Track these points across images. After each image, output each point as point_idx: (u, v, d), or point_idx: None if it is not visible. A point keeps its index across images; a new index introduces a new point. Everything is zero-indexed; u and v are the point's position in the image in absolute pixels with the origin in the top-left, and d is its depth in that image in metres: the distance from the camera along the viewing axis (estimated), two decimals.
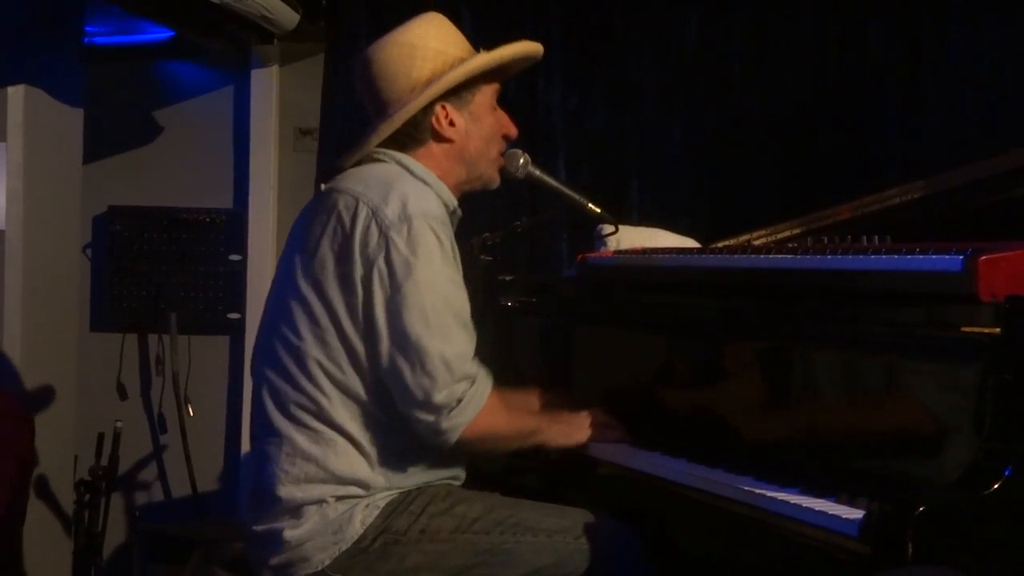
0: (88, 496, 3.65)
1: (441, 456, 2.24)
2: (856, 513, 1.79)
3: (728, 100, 3.90)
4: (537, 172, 2.65)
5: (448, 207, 2.28)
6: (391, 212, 2.12)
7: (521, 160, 2.61)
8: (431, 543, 2.15)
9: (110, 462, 3.74)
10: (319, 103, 4.17)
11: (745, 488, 2.00)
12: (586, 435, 2.39)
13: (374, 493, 2.16)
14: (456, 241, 2.24)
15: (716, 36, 3.91)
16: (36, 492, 3.58)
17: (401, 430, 2.16)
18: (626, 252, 2.87)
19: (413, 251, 2.10)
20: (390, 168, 2.26)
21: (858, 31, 3.81)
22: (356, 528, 2.13)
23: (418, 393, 2.09)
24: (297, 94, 4.22)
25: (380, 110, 2.30)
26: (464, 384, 2.12)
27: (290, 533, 2.14)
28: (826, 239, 2.36)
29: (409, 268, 2.10)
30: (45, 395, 3.64)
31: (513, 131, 2.42)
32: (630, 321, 2.66)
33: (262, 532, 2.19)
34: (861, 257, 2.10)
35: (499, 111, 2.40)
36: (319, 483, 2.14)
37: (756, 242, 2.87)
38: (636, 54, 3.96)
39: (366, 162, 2.29)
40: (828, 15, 3.83)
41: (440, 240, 2.15)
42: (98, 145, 4.10)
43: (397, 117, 2.25)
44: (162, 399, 4.34)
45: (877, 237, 2.24)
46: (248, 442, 2.37)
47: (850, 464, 2.00)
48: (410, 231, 2.11)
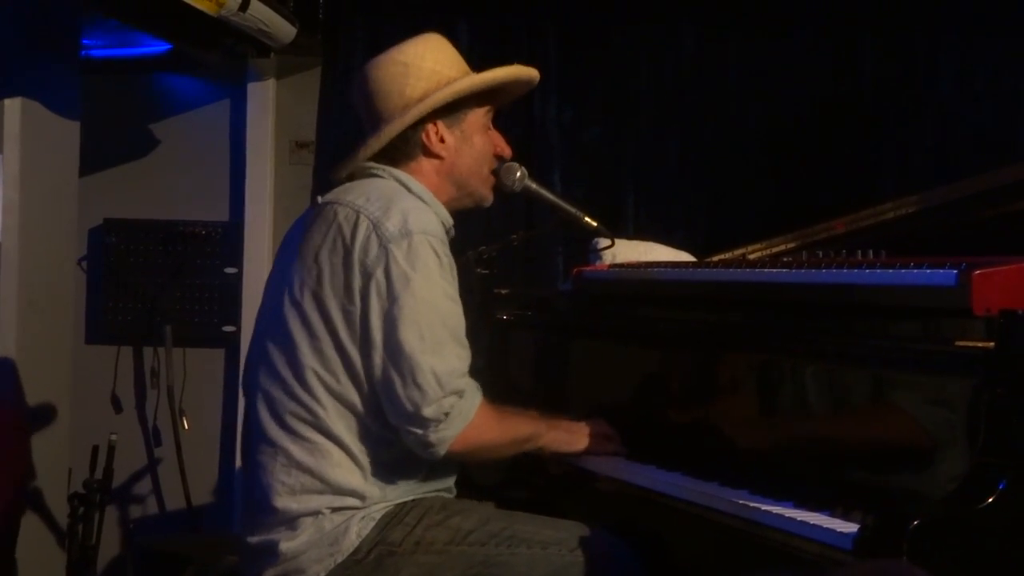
0: (82, 509, 3.64)
1: (434, 467, 2.24)
2: (850, 527, 1.79)
3: (724, 114, 3.92)
4: (533, 185, 2.65)
5: (444, 225, 2.29)
6: (392, 226, 2.14)
7: (518, 174, 2.61)
8: (426, 555, 2.14)
9: (104, 475, 3.74)
10: (315, 116, 4.18)
11: (739, 502, 2.00)
12: (584, 444, 2.38)
13: (369, 504, 2.16)
14: (452, 255, 2.25)
15: (712, 51, 3.92)
16: (30, 505, 3.57)
17: (395, 441, 2.16)
18: (622, 266, 2.87)
19: (412, 265, 2.12)
20: (389, 184, 2.27)
21: (853, 47, 3.83)
22: (352, 540, 2.13)
23: (408, 406, 2.10)
24: (294, 107, 4.23)
25: (374, 125, 2.32)
26: (452, 398, 2.12)
27: (286, 545, 2.14)
28: (821, 253, 2.36)
29: (407, 281, 2.11)
30: (40, 407, 3.63)
31: (507, 152, 2.45)
32: (626, 335, 2.66)
33: (257, 544, 2.18)
34: (856, 271, 2.10)
35: (493, 132, 2.42)
36: (315, 494, 2.14)
37: (751, 256, 2.88)
38: (632, 69, 3.97)
39: (360, 176, 2.31)
40: (823, 31, 3.85)
41: (439, 257, 2.16)
42: (94, 157, 4.10)
43: (386, 132, 2.28)
44: (157, 412, 4.33)
45: (872, 251, 2.25)
46: (242, 455, 2.36)
47: (844, 478, 2.00)
48: (410, 246, 2.13)
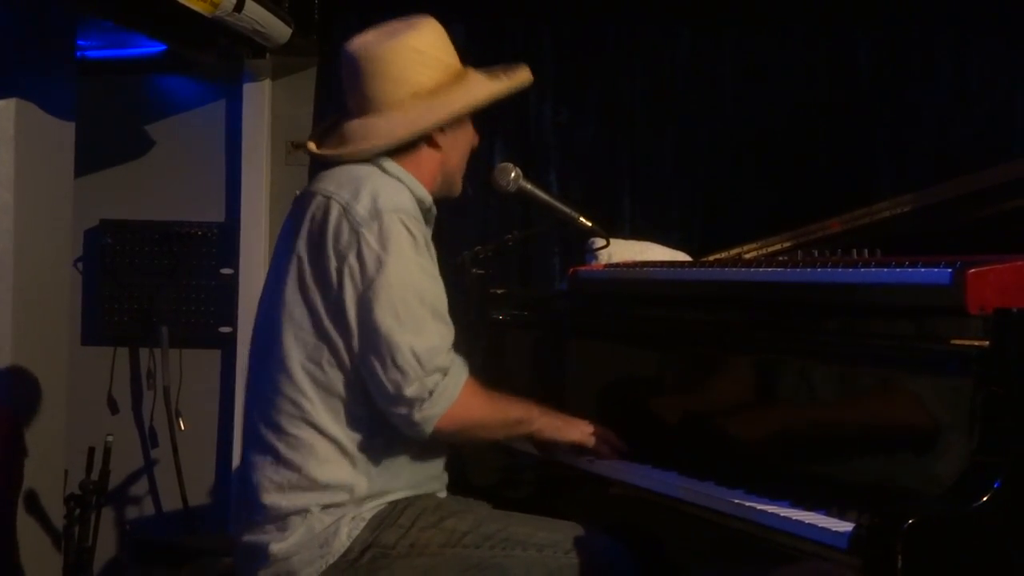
0: (79, 511, 3.64)
1: (423, 452, 2.23)
2: (846, 526, 1.79)
3: (719, 114, 3.92)
4: (528, 186, 2.65)
5: (423, 204, 2.27)
6: (361, 208, 2.13)
7: (512, 174, 2.62)
8: (420, 557, 2.14)
9: (101, 476, 3.73)
10: (311, 116, 4.18)
11: (735, 501, 2.00)
12: (576, 435, 2.35)
13: (360, 503, 2.15)
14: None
15: (707, 52, 3.93)
16: (26, 506, 3.56)
17: (383, 427, 2.15)
18: (618, 266, 2.87)
19: (384, 246, 2.11)
20: (363, 168, 2.25)
21: (848, 46, 3.84)
22: (343, 541, 2.12)
23: (390, 387, 2.09)
24: (289, 108, 4.23)
25: (365, 106, 2.28)
26: (436, 376, 2.11)
27: (276, 546, 2.13)
28: (816, 253, 2.36)
29: (380, 263, 2.10)
30: (36, 409, 3.63)
31: (477, 141, 2.44)
32: (622, 334, 2.66)
33: (248, 544, 2.18)
34: (851, 270, 2.10)
35: (470, 124, 2.41)
36: (302, 491, 2.13)
37: (747, 256, 2.88)
38: (628, 70, 3.98)
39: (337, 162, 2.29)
40: (818, 30, 3.85)
41: (412, 234, 2.14)
42: (90, 158, 4.09)
43: (417, 125, 2.24)
44: (153, 413, 4.33)
45: (867, 250, 2.25)
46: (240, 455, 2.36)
47: (840, 477, 2.00)
48: (381, 227, 2.11)
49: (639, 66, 3.97)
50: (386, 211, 2.12)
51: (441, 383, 2.12)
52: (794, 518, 1.88)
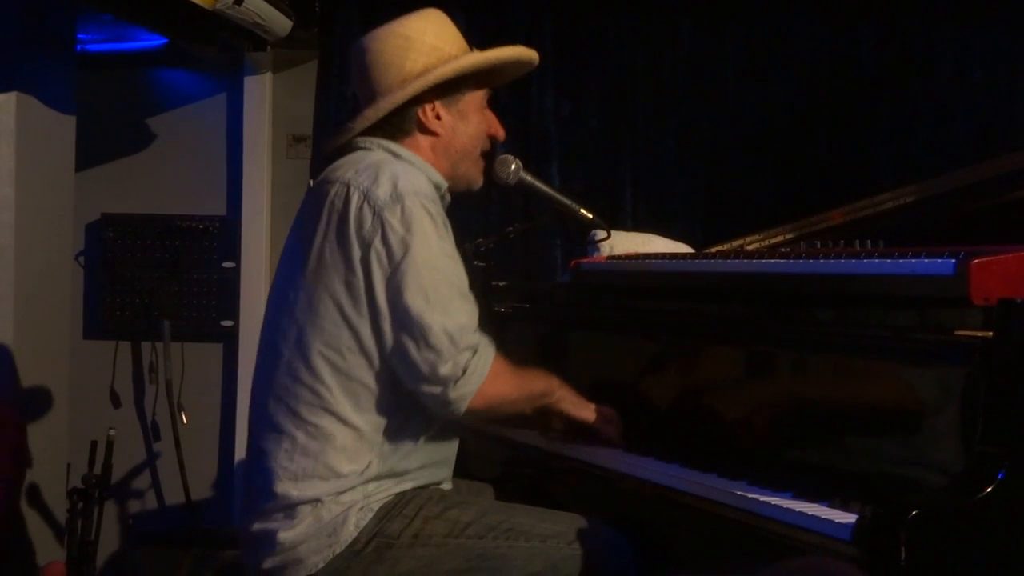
0: (81, 504, 3.63)
1: (437, 436, 2.24)
2: (849, 517, 1.79)
3: (721, 106, 3.92)
4: (529, 178, 2.65)
5: (439, 188, 2.29)
6: (382, 193, 2.13)
7: (513, 166, 2.61)
8: (424, 547, 2.14)
9: (103, 470, 3.73)
10: (312, 110, 4.18)
11: (738, 492, 2.00)
12: (591, 415, 2.40)
13: (368, 486, 2.15)
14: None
15: (709, 43, 3.92)
16: (29, 500, 3.56)
17: (400, 409, 2.16)
18: (619, 258, 2.87)
19: (408, 229, 2.12)
20: (376, 154, 2.27)
21: (850, 38, 3.83)
22: (350, 531, 2.12)
23: (424, 367, 2.10)
24: (290, 101, 4.23)
25: (370, 98, 2.31)
26: (467, 354, 2.12)
27: (284, 535, 2.13)
28: (819, 244, 2.36)
29: (406, 246, 2.11)
30: (38, 403, 3.63)
31: (501, 133, 2.43)
32: (624, 326, 2.66)
33: (256, 532, 2.18)
34: (854, 261, 2.10)
35: (488, 112, 2.41)
36: (317, 479, 2.13)
37: (749, 247, 2.88)
38: (630, 61, 3.97)
39: (350, 151, 2.30)
40: (820, 22, 3.85)
41: (432, 216, 2.16)
42: (91, 152, 4.09)
43: (383, 104, 2.27)
44: (155, 407, 4.33)
45: (870, 241, 2.24)
46: (243, 447, 2.36)
47: (842, 468, 2.00)
48: (403, 210, 2.12)
49: (641, 58, 3.96)
50: (407, 194, 2.14)
51: (472, 360, 2.13)
52: (797, 509, 1.88)
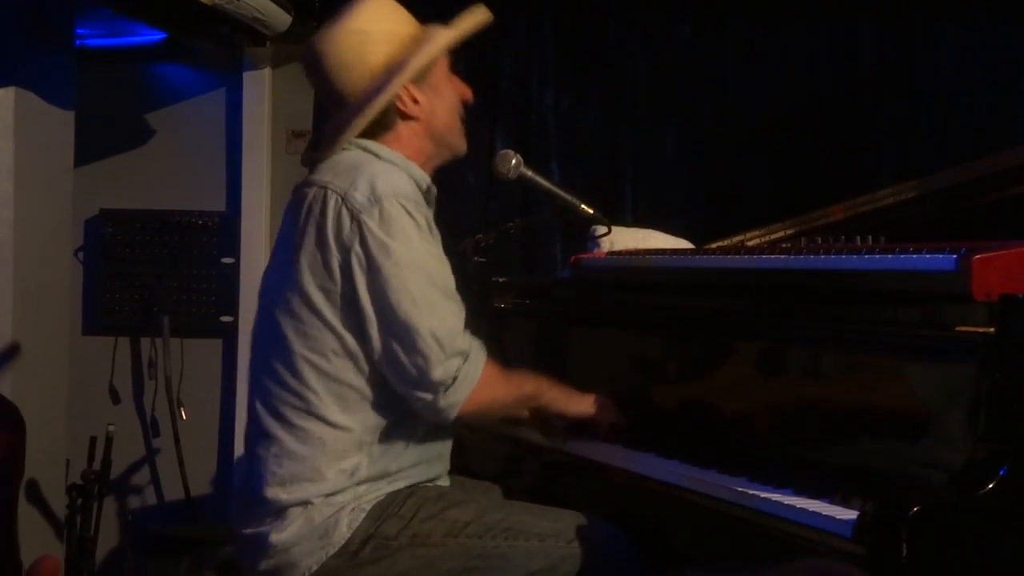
0: (80, 500, 3.63)
1: (428, 434, 2.23)
2: (850, 514, 1.78)
3: (721, 101, 3.91)
4: (529, 173, 2.64)
5: (421, 185, 2.25)
6: (360, 196, 2.11)
7: (513, 161, 2.61)
8: (422, 548, 2.13)
9: (102, 466, 3.73)
10: (312, 105, 4.16)
11: (739, 489, 1.99)
12: (583, 407, 2.38)
13: (359, 486, 2.14)
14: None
15: (709, 38, 3.91)
16: (28, 496, 3.56)
17: (390, 410, 2.15)
18: (620, 253, 2.86)
19: (388, 232, 2.09)
20: (356, 155, 2.23)
21: (851, 32, 3.82)
22: (343, 532, 2.11)
23: (413, 372, 2.09)
24: (289, 96, 4.21)
25: (338, 102, 2.26)
26: (457, 360, 2.11)
27: (275, 537, 2.12)
28: (820, 240, 2.35)
29: (386, 249, 2.09)
30: (37, 399, 3.62)
31: (470, 95, 2.37)
32: (624, 322, 2.65)
33: (249, 536, 2.17)
34: (855, 257, 2.09)
35: (454, 79, 2.36)
36: (306, 482, 2.12)
37: (750, 243, 2.87)
38: (630, 57, 3.96)
39: (330, 155, 2.27)
40: (821, 17, 3.84)
41: (413, 217, 2.13)
42: (89, 147, 4.08)
43: (369, 110, 2.22)
44: (155, 403, 4.32)
45: (871, 237, 2.23)
46: (242, 443, 2.35)
47: (844, 464, 2.00)
48: (382, 212, 2.10)
49: (641, 53, 3.95)
50: (385, 196, 2.11)
51: (463, 368, 2.12)
52: (798, 506, 1.87)
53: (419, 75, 2.25)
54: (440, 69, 2.31)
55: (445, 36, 2.28)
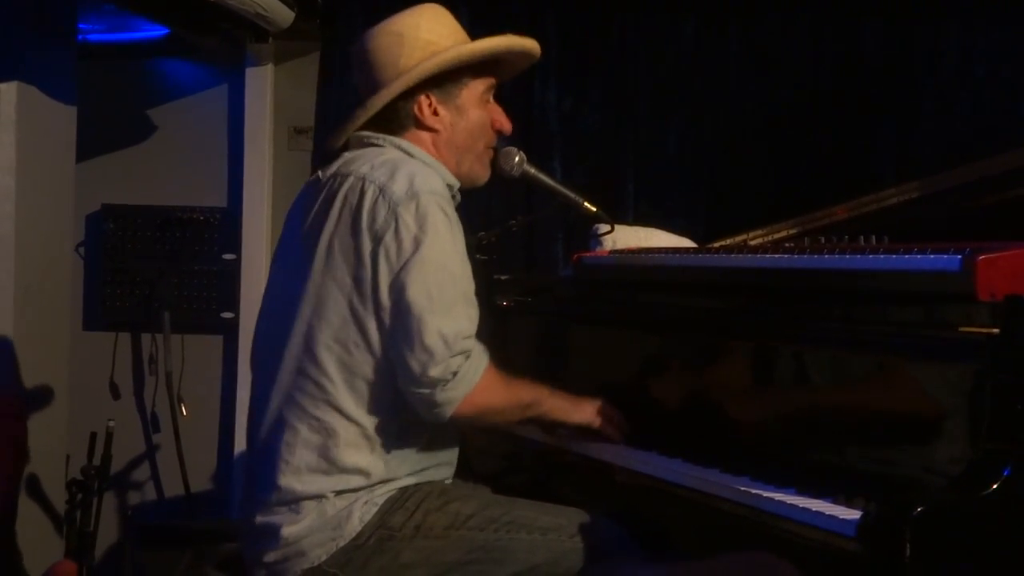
0: (80, 496, 3.62)
1: (437, 438, 2.23)
2: (853, 513, 1.78)
3: (724, 100, 3.90)
4: (532, 171, 2.64)
5: (451, 189, 2.28)
6: (399, 189, 2.13)
7: (516, 158, 2.60)
8: (425, 539, 2.14)
9: (102, 462, 3.72)
10: (314, 102, 4.16)
11: (741, 488, 1.99)
12: (584, 416, 2.36)
13: (373, 487, 2.15)
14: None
15: (712, 37, 3.91)
16: (28, 491, 3.56)
17: (402, 410, 2.15)
18: (622, 252, 2.86)
19: (421, 227, 2.11)
20: (390, 151, 2.26)
21: (853, 32, 3.82)
22: (355, 525, 2.12)
23: (415, 367, 2.08)
24: (292, 93, 4.21)
25: (369, 96, 2.30)
26: (459, 359, 2.11)
27: (288, 529, 2.13)
28: (823, 239, 2.34)
29: (417, 244, 2.10)
30: (37, 394, 3.62)
31: (507, 126, 2.41)
32: (626, 321, 2.65)
33: (259, 525, 2.17)
34: (859, 257, 2.09)
35: (492, 105, 2.39)
36: (320, 474, 2.13)
37: (752, 242, 2.87)
38: (632, 56, 3.96)
39: (357, 146, 2.29)
40: (823, 17, 3.83)
41: (447, 216, 2.15)
42: (91, 143, 4.08)
43: (374, 101, 2.26)
44: (155, 399, 4.32)
45: (874, 237, 2.23)
46: (243, 440, 2.35)
47: (847, 464, 1.99)
48: (418, 207, 2.11)
49: (644, 52, 3.95)
50: (423, 192, 2.13)
51: (464, 366, 2.11)
52: (800, 505, 1.87)
53: (444, 88, 2.29)
54: (472, 91, 2.33)
55: (462, 49, 2.30)
